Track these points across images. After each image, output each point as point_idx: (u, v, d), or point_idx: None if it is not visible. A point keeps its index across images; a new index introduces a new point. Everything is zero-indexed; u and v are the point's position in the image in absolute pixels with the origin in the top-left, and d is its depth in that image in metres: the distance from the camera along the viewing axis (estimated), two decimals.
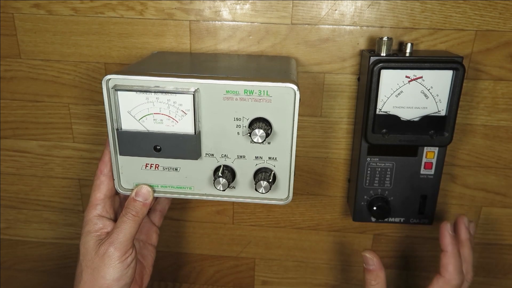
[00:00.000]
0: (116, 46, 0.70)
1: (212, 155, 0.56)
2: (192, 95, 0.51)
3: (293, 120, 0.52)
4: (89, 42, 0.70)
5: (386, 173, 0.67)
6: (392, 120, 0.62)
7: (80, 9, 0.68)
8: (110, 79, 0.52)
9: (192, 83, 0.52)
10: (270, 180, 0.55)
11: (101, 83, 0.53)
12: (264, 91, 0.51)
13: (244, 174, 0.57)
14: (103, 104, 0.53)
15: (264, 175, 0.55)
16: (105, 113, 0.53)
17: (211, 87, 0.52)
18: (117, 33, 0.69)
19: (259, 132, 0.51)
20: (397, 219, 0.69)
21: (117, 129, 0.54)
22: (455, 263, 0.60)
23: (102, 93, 0.52)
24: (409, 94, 0.60)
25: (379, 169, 0.67)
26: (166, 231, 0.82)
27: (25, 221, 0.85)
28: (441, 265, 0.60)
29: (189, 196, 0.59)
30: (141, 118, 0.53)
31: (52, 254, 0.88)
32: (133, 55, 0.70)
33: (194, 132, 0.53)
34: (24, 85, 0.74)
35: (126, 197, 0.60)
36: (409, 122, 0.62)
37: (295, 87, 0.50)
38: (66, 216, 0.84)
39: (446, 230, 0.61)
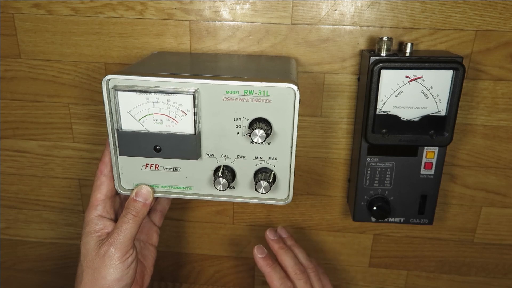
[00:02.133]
0: (116, 46, 0.70)
1: (212, 155, 0.56)
2: (192, 96, 0.51)
3: (293, 120, 0.52)
4: (89, 42, 0.70)
5: (386, 173, 0.67)
6: (392, 120, 0.62)
7: (80, 9, 0.68)
8: (110, 79, 0.52)
9: (192, 84, 0.52)
10: (270, 180, 0.55)
11: (101, 83, 0.53)
12: (264, 91, 0.51)
13: (244, 174, 0.57)
14: (103, 104, 0.53)
15: (264, 175, 0.55)
16: (105, 113, 0.53)
17: (211, 88, 0.52)
18: (117, 33, 0.69)
19: (259, 133, 0.51)
20: (397, 219, 0.69)
21: (117, 130, 0.54)
22: (274, 276, 0.65)
23: (102, 93, 0.52)
24: (409, 94, 0.60)
25: (379, 169, 0.67)
26: (166, 231, 0.82)
27: (25, 221, 0.85)
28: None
29: (189, 196, 0.59)
30: (141, 118, 0.53)
31: (52, 254, 0.88)
32: (133, 55, 0.70)
33: (194, 132, 0.53)
34: (24, 85, 0.74)
35: (126, 198, 0.60)
36: (409, 122, 0.62)
37: (295, 87, 0.50)
38: (66, 216, 0.84)
39: (257, 256, 0.67)
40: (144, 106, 0.52)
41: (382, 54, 0.60)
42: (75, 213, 0.84)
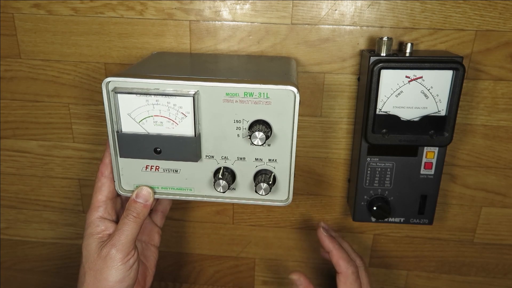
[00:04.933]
0: (116, 46, 0.70)
1: (212, 157, 0.56)
2: (192, 98, 0.51)
3: (293, 123, 0.52)
4: (89, 42, 0.70)
5: (386, 173, 0.67)
6: (392, 120, 0.62)
7: (80, 9, 0.68)
8: (110, 81, 0.52)
9: (192, 86, 0.52)
10: (270, 182, 0.55)
11: (101, 83, 0.53)
12: (264, 93, 0.51)
13: (244, 176, 0.57)
14: (103, 104, 0.53)
15: (264, 177, 0.55)
16: (105, 115, 0.53)
17: (211, 90, 0.52)
18: (117, 33, 0.69)
19: (259, 135, 0.51)
20: (397, 219, 0.69)
21: (117, 132, 0.54)
22: (343, 256, 0.66)
23: (102, 94, 0.52)
24: (409, 94, 0.60)
25: (379, 169, 0.67)
26: (166, 231, 0.82)
27: (25, 221, 0.86)
28: (334, 264, 0.66)
29: (190, 198, 0.59)
30: (141, 120, 0.53)
31: (52, 254, 0.88)
32: (133, 55, 0.70)
33: (194, 134, 0.53)
34: (24, 85, 0.74)
35: (127, 199, 0.60)
36: (409, 122, 0.62)
37: (295, 89, 0.50)
38: (66, 216, 0.84)
39: (323, 234, 0.68)
40: (144, 108, 0.52)
41: (382, 54, 0.60)
42: (75, 213, 0.84)
